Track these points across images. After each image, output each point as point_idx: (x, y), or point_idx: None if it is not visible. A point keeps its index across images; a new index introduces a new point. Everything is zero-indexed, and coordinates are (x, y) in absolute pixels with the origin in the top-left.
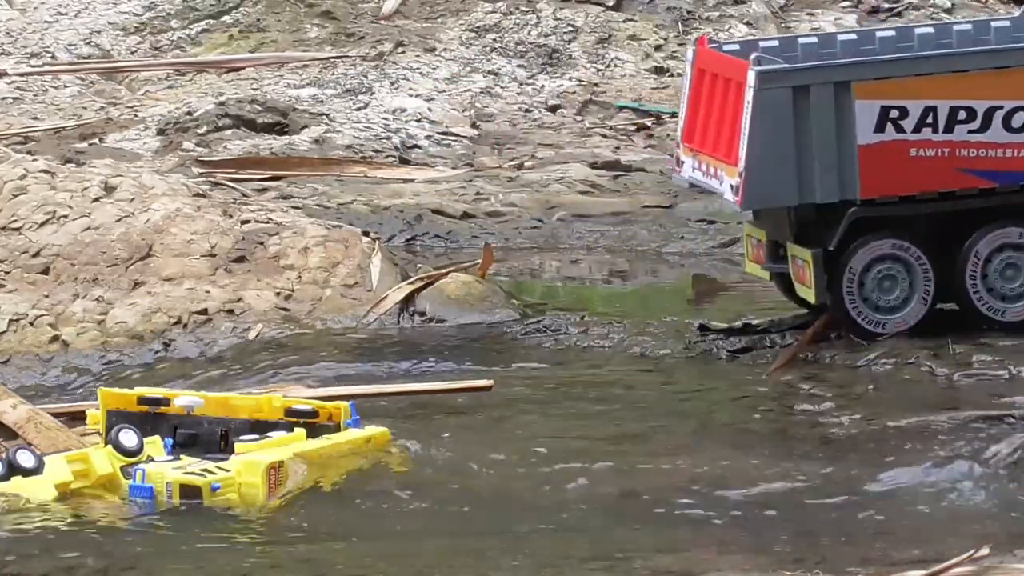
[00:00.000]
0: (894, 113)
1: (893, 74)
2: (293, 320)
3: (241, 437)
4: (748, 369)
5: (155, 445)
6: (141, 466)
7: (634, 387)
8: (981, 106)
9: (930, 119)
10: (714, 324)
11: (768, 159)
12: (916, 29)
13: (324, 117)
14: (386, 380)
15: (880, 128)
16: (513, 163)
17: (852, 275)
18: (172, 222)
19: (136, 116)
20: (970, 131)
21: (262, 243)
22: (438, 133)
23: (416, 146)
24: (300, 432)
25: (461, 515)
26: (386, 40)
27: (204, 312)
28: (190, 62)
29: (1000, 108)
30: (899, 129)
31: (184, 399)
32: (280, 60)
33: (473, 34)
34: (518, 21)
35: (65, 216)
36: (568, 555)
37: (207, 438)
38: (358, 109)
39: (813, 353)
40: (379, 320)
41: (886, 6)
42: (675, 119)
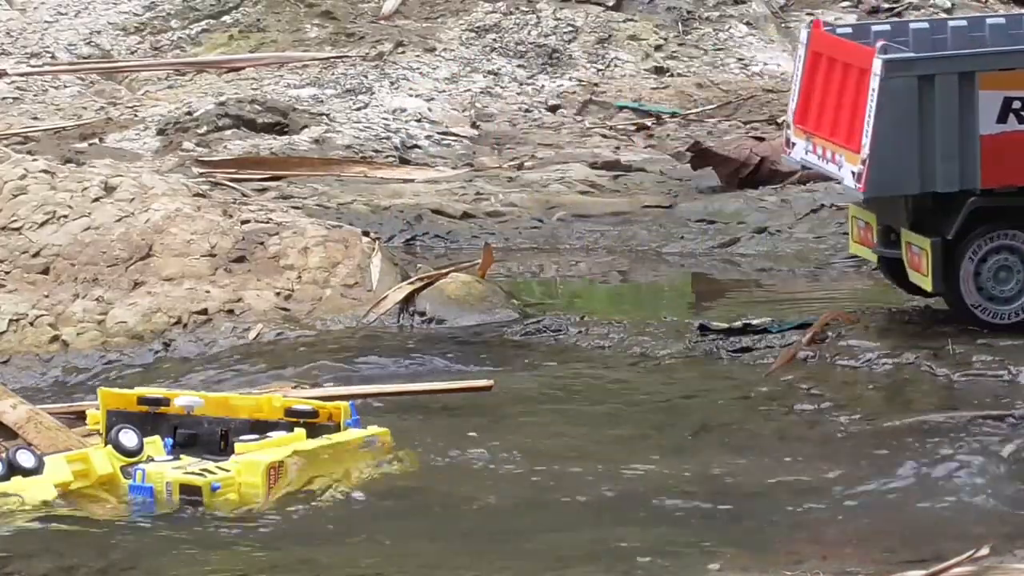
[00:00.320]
0: (1017, 104)
1: (1019, 65)
2: (293, 320)
3: (241, 437)
4: (748, 369)
5: (155, 445)
6: (141, 466)
7: (634, 387)
8: None
9: None
10: (714, 324)
11: (891, 147)
12: None
13: (324, 117)
14: (386, 380)
15: (1003, 119)
16: (513, 163)
17: (969, 265)
18: (172, 222)
19: (136, 116)
20: None
21: (262, 243)
22: (438, 133)
23: (416, 146)
24: (300, 432)
25: (461, 515)
26: (386, 40)
27: (204, 312)
28: (190, 62)
29: None
30: (1021, 120)
31: (184, 399)
32: (280, 60)
33: (473, 34)
34: (518, 21)
35: (65, 216)
36: (568, 555)
37: (207, 438)
38: (358, 109)
39: (813, 353)
40: (379, 320)
41: (886, 6)
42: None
